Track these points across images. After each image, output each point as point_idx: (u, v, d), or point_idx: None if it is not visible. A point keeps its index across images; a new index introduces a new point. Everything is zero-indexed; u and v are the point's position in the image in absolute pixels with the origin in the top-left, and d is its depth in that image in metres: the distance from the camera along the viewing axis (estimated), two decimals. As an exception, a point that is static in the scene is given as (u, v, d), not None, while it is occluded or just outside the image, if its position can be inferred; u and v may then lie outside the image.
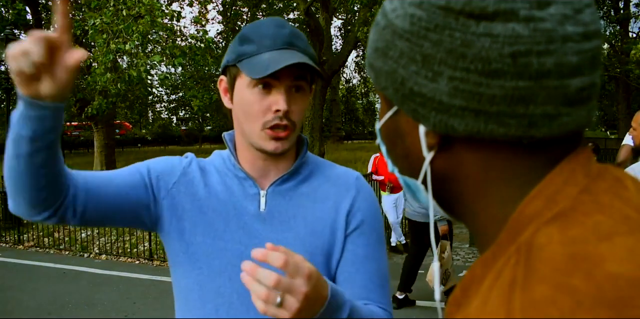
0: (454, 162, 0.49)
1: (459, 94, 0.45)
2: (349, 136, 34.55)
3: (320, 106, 13.29)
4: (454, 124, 0.46)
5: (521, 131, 0.45)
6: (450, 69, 0.45)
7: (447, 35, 0.45)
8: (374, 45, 0.52)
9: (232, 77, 1.12)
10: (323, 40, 12.97)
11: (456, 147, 0.49)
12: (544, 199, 0.45)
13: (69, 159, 20.36)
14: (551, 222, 0.43)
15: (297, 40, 1.09)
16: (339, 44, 25.97)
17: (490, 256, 0.46)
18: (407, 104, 0.49)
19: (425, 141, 0.49)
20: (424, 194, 0.54)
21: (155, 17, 8.58)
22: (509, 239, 0.45)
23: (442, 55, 0.45)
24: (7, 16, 12.66)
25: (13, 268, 7.17)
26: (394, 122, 0.53)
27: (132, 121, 31.55)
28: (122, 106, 14.96)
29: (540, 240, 0.41)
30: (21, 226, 8.96)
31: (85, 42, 13.24)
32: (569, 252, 0.39)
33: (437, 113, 0.47)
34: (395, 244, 7.48)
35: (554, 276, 0.38)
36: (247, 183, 1.15)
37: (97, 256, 7.76)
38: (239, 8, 19.61)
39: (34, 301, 5.61)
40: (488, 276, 0.45)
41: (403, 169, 0.56)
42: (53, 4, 0.85)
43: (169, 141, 33.64)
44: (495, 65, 0.43)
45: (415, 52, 0.47)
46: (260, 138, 1.09)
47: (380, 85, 0.52)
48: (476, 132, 0.46)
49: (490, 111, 0.45)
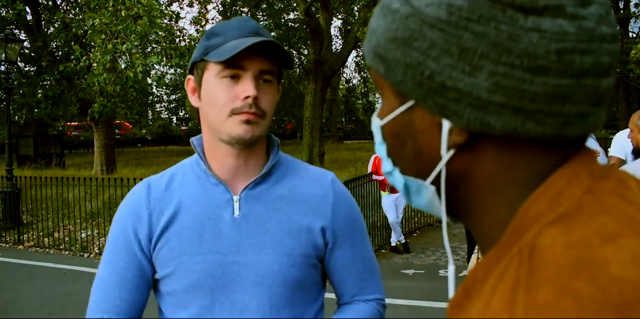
0: (472, 162, 0.47)
1: (499, 90, 0.43)
2: (349, 136, 34.57)
3: (320, 106, 13.28)
4: (490, 121, 0.44)
5: (556, 130, 0.44)
6: (492, 63, 0.43)
7: (493, 27, 0.42)
8: (388, 35, 0.48)
9: (200, 72, 1.11)
10: (323, 40, 12.96)
11: (480, 146, 0.47)
12: (547, 200, 0.44)
13: (69, 159, 20.37)
14: (555, 223, 0.42)
15: (262, 31, 1.11)
16: (339, 44, 25.96)
17: (493, 258, 0.45)
18: (433, 99, 0.46)
19: (447, 140, 0.47)
20: (426, 195, 0.52)
21: (153, 18, 8.59)
22: (511, 241, 0.44)
23: (484, 48, 0.43)
24: (7, 16, 12.66)
25: (13, 268, 7.17)
26: (405, 118, 0.50)
27: (132, 121, 31.55)
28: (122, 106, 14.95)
29: (543, 242, 0.41)
30: (21, 226, 8.96)
31: (85, 42, 13.25)
32: (573, 255, 0.38)
33: (472, 109, 0.44)
34: (395, 244, 7.48)
35: (557, 279, 0.38)
36: (219, 189, 1.13)
37: (97, 256, 7.75)
38: (239, 8, 19.60)
39: (34, 301, 5.61)
40: (490, 278, 0.44)
41: (408, 169, 0.52)
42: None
43: (169, 141, 33.61)
44: (540, 61, 0.42)
45: (451, 43, 0.44)
46: (230, 125, 1.07)
47: (394, 78, 0.48)
48: (512, 130, 0.44)
49: (530, 108, 0.43)
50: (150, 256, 1.14)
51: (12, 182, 9.24)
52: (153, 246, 1.13)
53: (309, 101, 13.22)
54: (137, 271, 1.14)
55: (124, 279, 1.13)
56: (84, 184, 8.70)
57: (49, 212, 9.13)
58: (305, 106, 13.47)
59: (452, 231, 8.78)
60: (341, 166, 13.50)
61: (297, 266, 1.11)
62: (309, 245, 1.13)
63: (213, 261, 1.09)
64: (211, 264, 1.09)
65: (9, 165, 9.65)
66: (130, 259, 1.14)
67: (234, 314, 1.09)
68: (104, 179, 9.04)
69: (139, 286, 1.14)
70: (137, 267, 1.14)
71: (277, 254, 1.10)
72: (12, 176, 9.39)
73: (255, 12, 19.94)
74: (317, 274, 1.17)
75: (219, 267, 1.09)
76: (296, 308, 1.12)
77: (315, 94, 13.12)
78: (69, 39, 12.75)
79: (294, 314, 1.12)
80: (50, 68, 13.31)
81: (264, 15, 20.53)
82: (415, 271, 6.46)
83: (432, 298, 5.06)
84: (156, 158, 20.64)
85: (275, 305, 1.10)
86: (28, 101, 15.47)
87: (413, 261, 7.01)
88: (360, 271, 1.20)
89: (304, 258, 1.12)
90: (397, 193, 7.23)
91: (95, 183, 8.74)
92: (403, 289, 5.38)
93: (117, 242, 1.16)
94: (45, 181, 8.99)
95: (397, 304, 5.09)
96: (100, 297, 1.15)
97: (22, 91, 15.65)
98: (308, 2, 12.46)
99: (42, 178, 9.14)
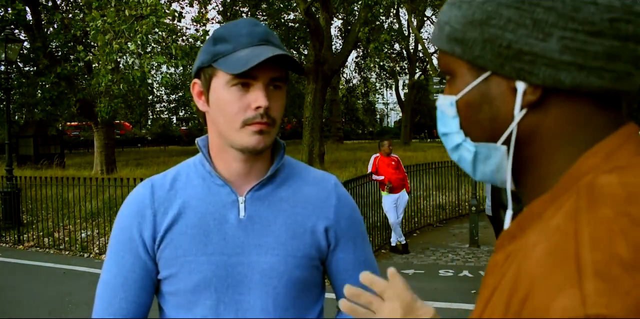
0: (540, 119, 0.56)
1: (568, 51, 0.54)
2: (349, 136, 34.54)
3: (320, 106, 13.28)
4: (561, 77, 0.54)
5: (612, 84, 0.54)
6: (560, 30, 0.53)
7: (560, 1, 0.53)
8: (466, 20, 0.58)
9: (208, 78, 1.09)
10: (323, 40, 12.96)
11: (549, 102, 0.56)
12: (602, 155, 0.53)
13: (69, 159, 20.36)
14: (610, 171, 0.51)
15: (272, 37, 1.09)
16: (339, 44, 25.94)
17: (549, 198, 0.54)
18: (510, 64, 0.56)
19: (522, 99, 0.56)
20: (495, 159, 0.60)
21: (158, 18, 8.58)
22: (569, 184, 0.53)
23: (553, 19, 0.54)
24: (7, 16, 12.66)
25: (13, 268, 7.17)
26: (482, 88, 0.59)
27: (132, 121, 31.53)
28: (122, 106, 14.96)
29: (601, 182, 0.50)
30: (21, 226, 8.96)
31: (86, 42, 13.25)
32: (628, 191, 0.48)
33: (547, 68, 0.54)
34: (395, 244, 7.48)
35: (615, 204, 0.47)
36: (224, 190, 1.13)
37: (97, 256, 7.76)
38: (239, 8, 19.59)
39: (34, 301, 5.61)
40: (547, 212, 0.53)
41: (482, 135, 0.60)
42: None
43: (169, 141, 33.60)
44: (598, 26, 0.53)
45: (525, 17, 0.55)
46: (242, 136, 1.07)
47: (472, 54, 0.58)
48: (578, 84, 0.54)
49: (593, 65, 0.54)
50: (154, 256, 1.13)
51: (12, 182, 9.24)
52: (157, 246, 1.12)
53: (309, 100, 13.22)
54: (143, 272, 1.12)
55: (130, 281, 1.12)
56: (84, 184, 8.70)
57: (49, 212, 9.13)
58: (305, 106, 13.47)
59: (452, 231, 8.80)
60: (341, 166, 13.50)
61: (301, 267, 1.12)
62: (313, 246, 1.13)
63: (218, 262, 1.09)
64: (216, 264, 1.09)
65: (9, 165, 9.65)
66: (135, 260, 1.12)
67: (239, 314, 1.09)
68: (104, 179, 9.04)
69: (145, 287, 1.13)
70: (143, 268, 1.12)
71: (282, 255, 1.11)
72: (12, 176, 9.39)
73: (255, 12, 19.93)
74: (319, 276, 1.18)
75: (224, 268, 1.09)
76: (299, 309, 1.13)
77: (315, 94, 13.12)
78: (68, 40, 12.75)
79: (297, 315, 1.12)
80: (49, 69, 13.30)
81: (264, 15, 20.52)
82: (415, 271, 6.46)
83: (432, 298, 5.06)
84: (156, 158, 20.63)
85: (280, 306, 1.10)
86: (28, 100, 15.47)
87: (413, 261, 7.01)
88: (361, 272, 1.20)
89: (308, 259, 1.13)
90: (397, 193, 7.24)
91: (95, 183, 8.74)
92: (403, 289, 5.38)
93: (121, 243, 1.14)
94: (45, 181, 8.99)
95: (397, 304, 5.09)
96: (105, 300, 1.13)
97: (22, 91, 15.65)
98: (308, 2, 12.46)
99: (42, 178, 9.14)
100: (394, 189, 7.20)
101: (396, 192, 7.23)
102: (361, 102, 34.61)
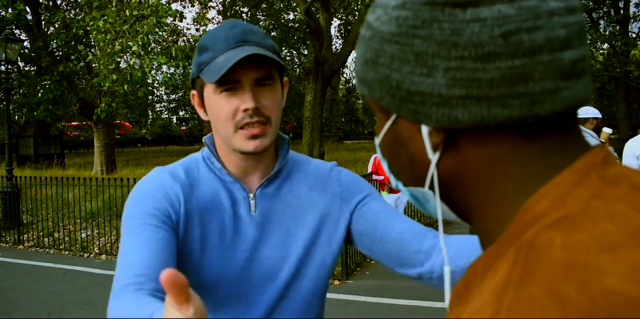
0: (459, 161, 0.48)
1: (457, 83, 0.45)
2: (349, 136, 34.55)
3: (320, 106, 13.28)
4: (457, 115, 0.46)
5: (525, 111, 0.44)
6: (444, 60, 0.45)
7: (436, 28, 0.45)
8: (362, 59, 0.52)
9: (200, 88, 1.11)
10: (323, 40, 12.96)
11: (461, 143, 0.48)
12: (552, 199, 0.43)
13: (69, 159, 20.36)
14: (556, 224, 0.41)
15: (250, 35, 1.07)
16: (339, 44, 25.95)
17: (493, 253, 0.45)
18: (405, 106, 0.48)
19: (430, 141, 0.48)
20: (433, 201, 0.53)
21: (159, 18, 8.59)
22: (512, 237, 0.44)
23: (434, 49, 0.45)
24: (7, 16, 12.65)
25: (13, 268, 7.16)
26: (394, 131, 0.52)
27: (132, 121, 31.54)
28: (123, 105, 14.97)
29: (541, 242, 0.40)
30: (21, 226, 8.95)
31: (87, 41, 13.25)
32: (569, 258, 0.37)
33: (438, 107, 0.46)
34: (395, 244, 7.48)
35: (548, 279, 0.37)
36: (234, 187, 1.14)
37: (97, 256, 7.76)
38: (239, 8, 19.60)
39: (34, 301, 5.61)
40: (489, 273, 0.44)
41: (408, 179, 0.54)
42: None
43: (169, 140, 33.63)
44: (488, 48, 0.43)
45: (406, 52, 0.46)
46: (238, 140, 1.07)
47: (375, 96, 0.51)
48: (480, 120, 0.45)
49: (491, 94, 0.44)
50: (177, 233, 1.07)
51: (12, 182, 9.24)
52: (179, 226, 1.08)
53: (309, 101, 13.22)
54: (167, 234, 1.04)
55: (153, 240, 1.01)
56: (84, 184, 8.70)
57: (49, 212, 9.13)
58: (305, 106, 13.47)
59: (452, 231, 8.79)
60: (341, 166, 13.48)
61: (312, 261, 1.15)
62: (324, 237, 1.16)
63: (231, 257, 1.10)
64: (230, 260, 1.10)
65: (9, 165, 9.65)
66: (159, 224, 1.04)
67: (249, 308, 1.11)
68: (104, 179, 9.04)
69: (169, 247, 1.03)
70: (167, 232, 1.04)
71: (294, 248, 1.14)
72: (12, 176, 9.39)
73: (255, 12, 19.95)
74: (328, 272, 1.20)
75: (237, 263, 1.10)
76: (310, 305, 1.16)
77: (315, 94, 13.12)
78: (69, 39, 12.75)
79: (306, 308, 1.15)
80: (50, 68, 13.30)
81: (264, 15, 20.53)
82: (415, 271, 6.45)
83: (432, 298, 5.06)
84: (156, 158, 20.64)
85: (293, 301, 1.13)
86: (28, 101, 15.47)
87: (413, 261, 7.00)
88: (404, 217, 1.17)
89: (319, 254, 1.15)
90: (397, 193, 7.23)
91: (95, 183, 8.73)
92: (403, 289, 5.38)
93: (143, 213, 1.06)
94: (45, 181, 8.99)
95: (397, 304, 5.10)
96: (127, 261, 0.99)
97: (22, 91, 15.65)
98: (308, 2, 12.46)
99: (42, 178, 9.14)
100: (394, 189, 7.20)
101: (396, 192, 7.23)
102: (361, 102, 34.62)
